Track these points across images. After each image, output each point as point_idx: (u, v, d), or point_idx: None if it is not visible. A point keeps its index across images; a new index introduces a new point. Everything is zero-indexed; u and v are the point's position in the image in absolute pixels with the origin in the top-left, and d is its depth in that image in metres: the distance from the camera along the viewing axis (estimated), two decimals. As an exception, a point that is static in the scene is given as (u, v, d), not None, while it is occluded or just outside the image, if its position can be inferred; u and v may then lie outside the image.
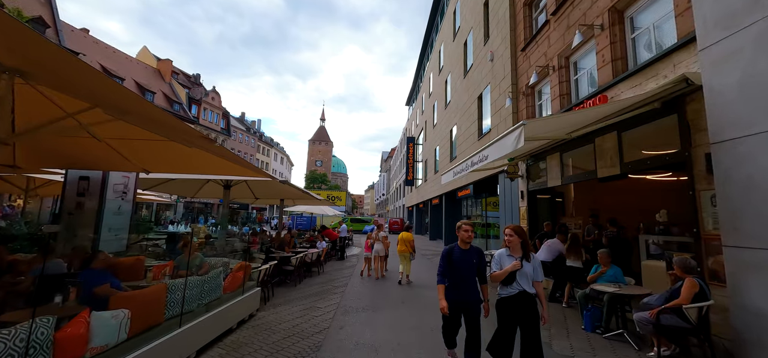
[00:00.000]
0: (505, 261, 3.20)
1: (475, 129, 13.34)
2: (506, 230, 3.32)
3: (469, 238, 3.48)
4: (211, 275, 4.01)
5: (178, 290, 3.27)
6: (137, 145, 4.41)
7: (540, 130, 5.41)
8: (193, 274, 3.91)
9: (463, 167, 7.19)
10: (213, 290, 3.93)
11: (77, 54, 24.12)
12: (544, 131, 5.60)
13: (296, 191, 10.74)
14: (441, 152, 20.03)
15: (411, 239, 8.42)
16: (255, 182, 10.14)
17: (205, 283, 3.78)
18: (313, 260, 8.81)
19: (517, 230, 3.25)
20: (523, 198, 8.98)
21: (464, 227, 3.49)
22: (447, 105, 19.04)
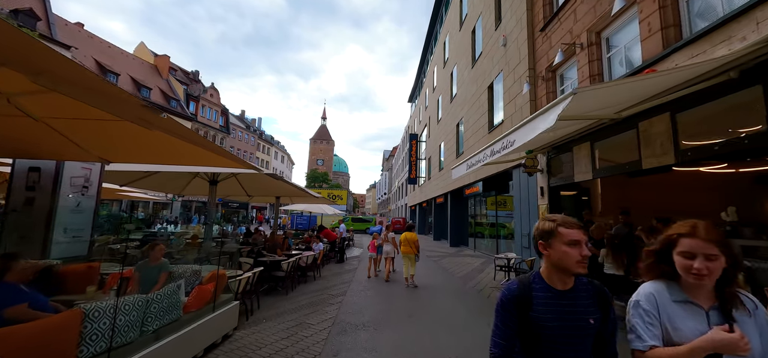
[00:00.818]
0: (679, 318, 1.25)
1: (485, 121, 12.37)
2: (676, 233, 1.29)
3: (583, 262, 1.31)
4: (164, 291, 3.08)
5: (103, 316, 2.35)
6: (90, 129, 3.51)
7: (588, 105, 4.33)
8: (138, 291, 3.00)
9: (480, 158, 6.24)
10: (167, 310, 3.01)
11: (69, 47, 23.34)
12: (595, 106, 4.49)
13: (290, 187, 9.83)
14: (446, 148, 19.06)
15: (415, 239, 7.89)
16: (246, 177, 9.30)
17: (154, 302, 2.85)
18: (308, 263, 7.90)
19: (713, 237, 1.20)
20: (544, 195, 8.01)
21: (568, 230, 1.35)
22: (453, 98, 18.06)
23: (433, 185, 22.86)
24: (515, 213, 9.70)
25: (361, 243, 19.84)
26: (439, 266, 11.12)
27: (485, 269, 10.34)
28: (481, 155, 6.42)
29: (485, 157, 6.23)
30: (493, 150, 5.36)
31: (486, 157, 6.22)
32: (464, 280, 8.57)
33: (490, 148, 5.48)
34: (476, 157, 6.46)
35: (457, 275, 9.36)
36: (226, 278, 4.09)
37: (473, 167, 6.54)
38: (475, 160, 6.39)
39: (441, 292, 7.12)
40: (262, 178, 9.39)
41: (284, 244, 8.94)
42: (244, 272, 5.03)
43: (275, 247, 7.97)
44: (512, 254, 8.34)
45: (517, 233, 9.55)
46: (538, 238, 1.45)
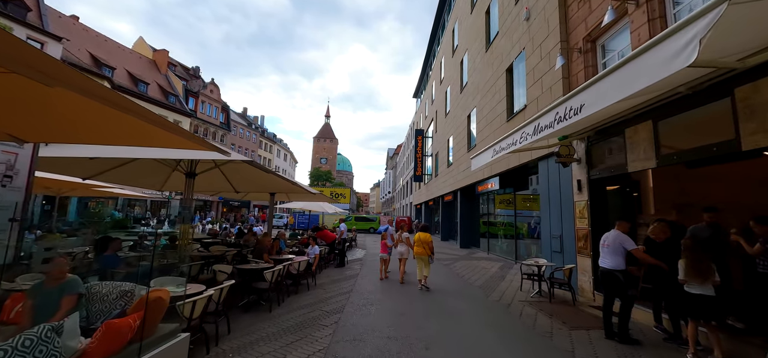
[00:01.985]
0: None
1: (502, 108, 11.02)
2: None
3: None
4: (37, 332, 1.85)
5: None
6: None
7: (735, 31, 2.68)
8: None
9: (511, 141, 4.95)
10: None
11: (60, 39, 22.39)
12: (742, 37, 2.87)
13: (283, 182, 8.60)
14: (455, 143, 17.72)
15: (429, 240, 7.42)
16: (232, 170, 8.13)
17: (16, 354, 1.63)
18: (300, 270, 6.65)
19: None
20: (582, 189, 6.67)
21: None
22: (463, 88, 16.71)
23: (441, 182, 21.52)
24: (542, 211, 8.36)
25: (364, 244, 18.59)
26: (451, 271, 9.82)
27: (505, 275, 9.02)
28: (512, 138, 5.12)
29: (515, 141, 4.93)
30: (538, 126, 4.08)
31: (516, 141, 4.92)
32: (485, 290, 7.27)
33: (534, 123, 4.20)
34: (505, 141, 5.17)
35: (475, 283, 8.05)
36: (166, 303, 2.85)
37: (501, 154, 5.27)
38: (505, 145, 5.09)
39: (460, 308, 5.82)
40: (249, 171, 8.20)
41: (274, 247, 7.70)
42: (204, 290, 3.78)
43: (261, 251, 6.73)
44: (542, 260, 7.01)
45: (544, 234, 8.21)
46: None
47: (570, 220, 7.06)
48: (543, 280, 6.74)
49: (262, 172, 7.73)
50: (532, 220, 11.27)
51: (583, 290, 6.51)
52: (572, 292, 6.12)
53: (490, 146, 5.64)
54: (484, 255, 13.70)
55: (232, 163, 7.62)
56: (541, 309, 5.71)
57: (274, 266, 5.88)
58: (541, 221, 8.50)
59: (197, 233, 15.72)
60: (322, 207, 15.38)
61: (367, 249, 15.78)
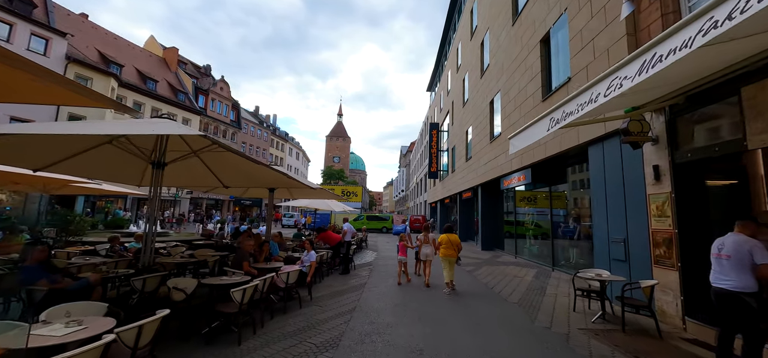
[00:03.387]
0: None
1: (536, 87, 9.30)
2: None
3: None
4: None
5: None
6: None
7: None
8: None
9: (576, 106, 3.35)
10: None
11: (64, 35, 21.96)
12: None
13: (276, 174, 7.23)
14: (475, 133, 16.00)
15: (458, 241, 7.05)
16: (218, 162, 6.90)
17: None
18: (289, 283, 5.23)
19: None
20: (661, 177, 4.96)
21: None
22: (484, 72, 14.97)
23: (458, 177, 19.82)
24: (596, 208, 6.64)
25: (375, 245, 17.14)
26: (477, 279, 8.21)
27: (545, 287, 7.35)
28: (578, 102, 3.52)
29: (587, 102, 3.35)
30: (615, 82, 2.50)
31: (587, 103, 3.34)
32: (526, 309, 5.65)
33: (609, 80, 2.63)
34: (572, 103, 3.55)
35: (510, 297, 6.43)
36: None
37: (565, 121, 3.65)
38: (572, 107, 3.49)
39: (502, 342, 4.25)
40: (237, 162, 6.88)
41: (262, 253, 6.33)
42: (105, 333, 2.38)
43: (242, 259, 5.34)
44: (605, 273, 5.32)
45: (598, 237, 6.50)
46: None
47: (640, 219, 5.36)
48: (607, 299, 5.07)
49: (250, 163, 6.39)
50: (571, 219, 9.49)
51: (665, 314, 4.81)
52: (655, 318, 4.44)
53: (545, 115, 4.03)
54: (510, 259, 11.99)
55: (217, 153, 6.33)
56: (616, 344, 4.07)
57: (250, 280, 4.49)
58: (593, 220, 6.78)
59: (192, 233, 14.77)
60: (328, 205, 14.03)
61: (379, 251, 14.32)
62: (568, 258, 9.34)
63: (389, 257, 12.51)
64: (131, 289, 4.51)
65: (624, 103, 4.60)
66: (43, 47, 21.04)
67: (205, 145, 5.84)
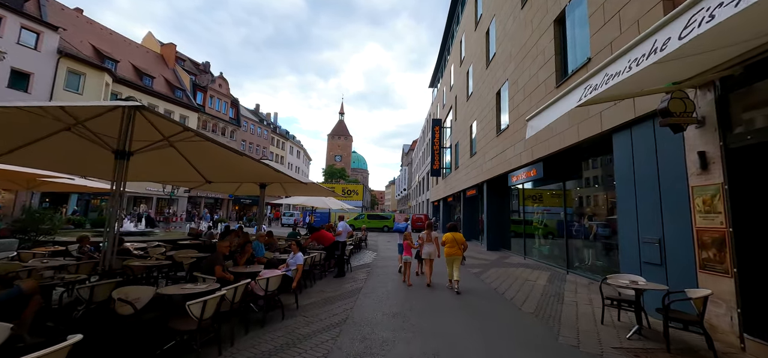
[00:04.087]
0: None
1: (548, 73, 8.50)
2: None
3: None
4: None
5: None
6: None
7: None
8: None
9: (614, 71, 2.56)
10: None
11: (56, 28, 21.35)
12: None
13: (263, 168, 6.51)
14: (481, 127, 15.19)
15: (462, 240, 6.82)
16: (197, 153, 6.21)
17: None
18: (270, 290, 4.48)
19: None
20: (710, 166, 4.16)
21: None
22: (490, 62, 14.16)
23: (462, 174, 19.02)
24: (622, 204, 5.84)
25: (375, 245, 16.39)
26: (485, 283, 7.43)
27: (562, 292, 6.56)
28: (617, 66, 2.72)
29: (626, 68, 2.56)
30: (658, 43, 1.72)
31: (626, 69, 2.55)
32: (544, 320, 4.87)
33: (652, 40, 1.85)
34: (609, 69, 2.76)
35: (524, 306, 5.65)
36: None
37: (600, 90, 2.86)
38: (611, 71, 2.69)
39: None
40: (218, 154, 6.15)
41: (244, 254, 5.59)
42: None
43: (214, 263, 4.60)
44: (640, 279, 4.52)
45: (625, 237, 5.70)
46: None
47: (681, 216, 4.55)
48: (644, 309, 4.28)
49: (234, 155, 5.67)
50: (586, 217, 8.67)
51: (715, 329, 4.01)
52: (708, 337, 3.65)
53: (577, 86, 3.24)
54: (519, 260, 11.19)
55: (195, 143, 5.61)
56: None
57: (219, 288, 3.75)
58: (618, 218, 5.97)
59: (182, 233, 14.05)
60: (325, 203, 13.28)
61: (378, 252, 13.56)
62: (583, 260, 8.54)
63: (389, 257, 11.75)
64: (77, 299, 3.78)
65: (667, 76, 3.80)
66: (34, 41, 20.42)
67: (176, 132, 5.10)
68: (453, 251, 6.61)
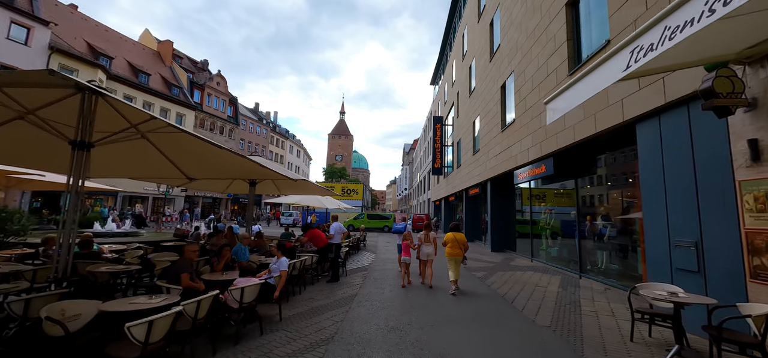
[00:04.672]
0: None
1: (560, 60, 7.84)
2: None
3: None
4: None
5: None
6: None
7: None
8: None
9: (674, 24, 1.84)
10: None
11: (47, 23, 20.81)
12: None
13: (246, 163, 5.90)
14: (485, 123, 14.53)
15: (464, 240, 6.65)
16: (175, 147, 5.66)
17: None
18: (246, 302, 3.86)
19: None
20: (761, 158, 3.51)
21: None
22: (494, 55, 13.50)
23: (464, 173, 18.36)
24: (648, 201, 5.18)
25: (375, 245, 15.75)
26: (491, 289, 6.79)
27: (577, 299, 5.91)
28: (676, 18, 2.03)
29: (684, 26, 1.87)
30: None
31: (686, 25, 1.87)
32: (563, 336, 4.23)
33: None
34: (668, 20, 2.07)
35: (538, 317, 5.01)
36: None
37: (653, 52, 2.18)
38: (672, 22, 2.01)
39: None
40: (198, 148, 5.55)
41: (222, 258, 4.97)
42: None
43: (180, 271, 3.97)
44: (679, 291, 3.85)
45: (653, 239, 5.04)
46: None
47: (725, 215, 3.90)
48: (681, 325, 3.62)
49: (214, 149, 5.06)
50: (600, 217, 8.01)
51: (772, 350, 3.36)
52: (770, 362, 2.99)
53: (618, 50, 2.57)
54: (525, 262, 10.53)
55: (171, 135, 5.04)
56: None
57: (177, 302, 3.13)
58: (645, 217, 5.30)
59: (165, 233, 13.43)
60: (320, 202, 12.66)
61: (377, 253, 12.93)
62: (596, 263, 7.88)
63: (388, 259, 11.12)
64: (9, 314, 3.16)
65: (720, 43, 3.16)
66: (25, 36, 19.89)
67: (143, 120, 4.48)
68: (454, 252, 6.46)
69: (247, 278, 4.03)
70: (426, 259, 6.99)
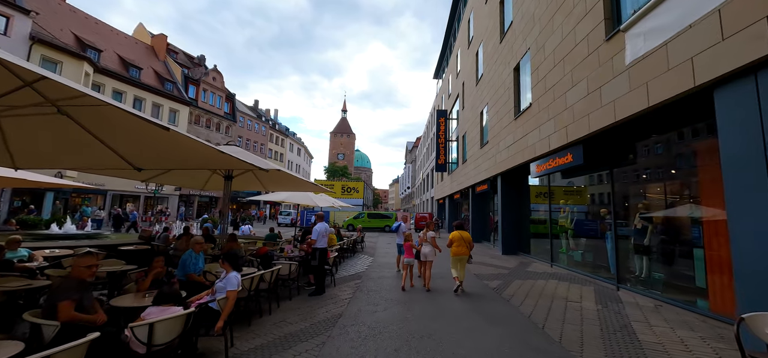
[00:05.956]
0: None
1: (593, 23, 6.43)
2: None
3: None
4: None
5: None
6: None
7: None
8: None
9: None
10: None
11: (29, 12, 19.69)
12: None
13: (207, 150, 4.54)
14: (494, 112, 13.12)
15: (470, 238, 6.35)
16: (112, 130, 4.34)
17: None
18: (161, 343, 2.55)
19: None
20: None
21: None
22: (504, 34, 12.09)
23: (471, 168, 16.96)
24: (733, 192, 3.78)
25: (374, 247, 14.43)
26: (511, 305, 5.42)
27: (627, 322, 4.53)
28: None
29: None
30: None
31: None
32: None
33: None
34: None
35: (585, 352, 3.64)
36: None
37: None
38: None
39: None
40: (144, 130, 4.26)
41: (149, 275, 3.65)
42: None
43: (56, 300, 2.64)
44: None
45: (742, 245, 3.64)
46: None
47: None
48: None
49: (161, 131, 3.71)
50: (638, 215, 6.60)
51: None
52: None
53: None
54: (544, 268, 9.14)
55: (97, 108, 3.75)
56: None
57: None
58: (729, 214, 3.90)
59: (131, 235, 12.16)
60: (311, 199, 11.34)
61: (376, 256, 11.60)
62: (636, 270, 6.48)
63: (387, 264, 9.79)
64: None
65: None
66: (3, 25, 18.77)
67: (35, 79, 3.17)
68: (461, 251, 6.28)
69: (164, 307, 2.71)
70: (425, 260, 6.67)
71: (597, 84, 6.25)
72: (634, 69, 5.23)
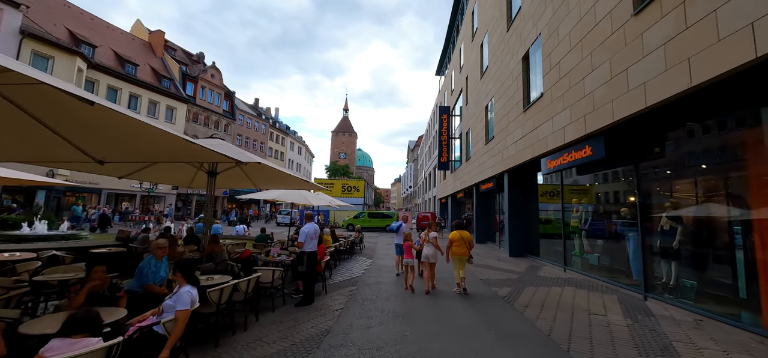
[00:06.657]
0: None
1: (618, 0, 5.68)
2: None
3: None
4: None
5: None
6: None
7: None
8: None
9: None
10: None
11: (19, 6, 19.12)
12: None
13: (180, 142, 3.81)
14: (501, 105, 12.35)
15: (470, 238, 6.24)
16: (65, 114, 3.51)
17: None
18: None
19: None
20: None
21: None
22: (512, 21, 11.32)
23: (475, 165, 16.20)
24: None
25: (374, 247, 13.71)
26: (523, 318, 4.69)
27: (668, 343, 3.79)
28: None
29: None
30: None
31: None
32: None
33: None
34: None
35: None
36: None
37: None
38: None
39: None
40: (114, 120, 3.56)
41: (86, 287, 2.96)
42: None
43: None
44: None
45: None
46: None
47: None
48: None
49: (124, 118, 3.00)
50: (665, 216, 5.84)
51: None
52: None
53: None
54: (558, 273, 8.38)
55: (35, 87, 3.05)
56: None
57: None
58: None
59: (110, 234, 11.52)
60: (304, 198, 10.64)
61: (375, 259, 10.88)
62: (659, 277, 5.73)
63: (385, 267, 9.08)
64: None
65: None
66: (-8, 19, 18.21)
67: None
68: (461, 251, 6.18)
69: (75, 338, 2.00)
70: (425, 261, 6.44)
71: (623, 66, 5.49)
72: (671, 44, 4.48)
